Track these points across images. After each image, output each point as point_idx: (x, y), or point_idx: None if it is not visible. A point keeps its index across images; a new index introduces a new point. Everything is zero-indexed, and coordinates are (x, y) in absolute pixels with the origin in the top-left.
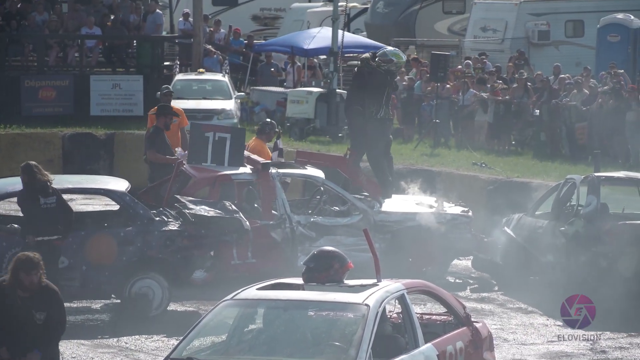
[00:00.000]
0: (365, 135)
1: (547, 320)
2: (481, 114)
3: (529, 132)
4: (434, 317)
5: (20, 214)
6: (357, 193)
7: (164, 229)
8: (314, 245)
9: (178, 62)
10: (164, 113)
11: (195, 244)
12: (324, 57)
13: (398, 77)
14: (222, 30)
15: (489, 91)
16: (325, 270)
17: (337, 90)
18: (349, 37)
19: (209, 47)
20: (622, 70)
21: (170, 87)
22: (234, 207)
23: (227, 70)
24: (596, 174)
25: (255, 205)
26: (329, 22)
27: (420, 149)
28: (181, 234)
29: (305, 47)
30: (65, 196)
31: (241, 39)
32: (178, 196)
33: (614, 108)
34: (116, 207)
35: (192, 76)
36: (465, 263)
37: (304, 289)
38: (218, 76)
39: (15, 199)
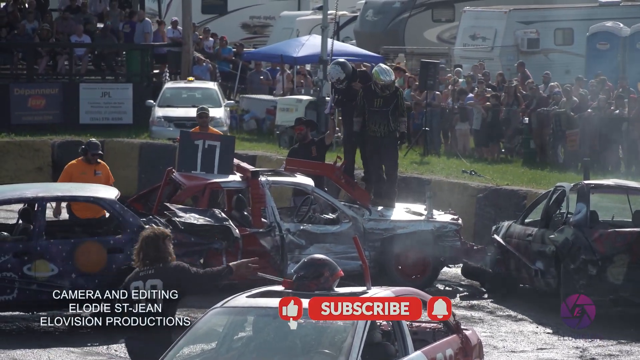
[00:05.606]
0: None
1: (537, 327)
2: (461, 123)
3: (518, 140)
4: (423, 324)
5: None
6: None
7: None
8: (304, 253)
9: (167, 70)
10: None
11: (185, 251)
12: (309, 68)
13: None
14: (210, 39)
15: (473, 99)
16: (315, 278)
17: (327, 98)
18: (339, 46)
19: (199, 55)
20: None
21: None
22: (223, 214)
23: (219, 79)
24: (586, 182)
25: (245, 213)
26: (318, 30)
27: (410, 157)
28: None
29: (295, 55)
30: (54, 204)
31: (229, 47)
32: (167, 204)
33: (609, 117)
34: (106, 215)
35: (182, 84)
36: (454, 271)
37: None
38: (208, 84)
39: (8, 207)
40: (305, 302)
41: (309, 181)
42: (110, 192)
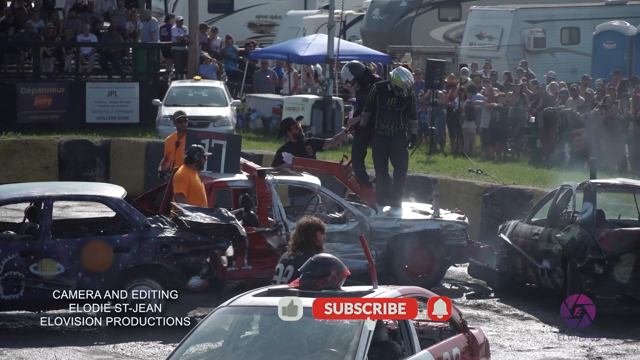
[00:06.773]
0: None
1: (544, 326)
2: (467, 122)
3: (524, 139)
4: (430, 323)
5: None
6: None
7: (160, 235)
8: None
9: (173, 69)
10: (288, 127)
11: (191, 250)
12: (314, 67)
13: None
14: (218, 38)
15: (483, 98)
16: (322, 277)
17: (333, 97)
18: (345, 45)
19: (205, 54)
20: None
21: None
22: (230, 213)
23: (225, 77)
24: (592, 181)
25: (252, 212)
26: (324, 30)
27: (416, 156)
28: (177, 240)
29: (301, 54)
30: (61, 203)
31: (234, 46)
32: (174, 203)
33: (612, 118)
34: (112, 214)
35: (188, 83)
36: (461, 270)
37: (300, 296)
38: (214, 83)
39: (13, 206)
40: (308, 302)
41: (315, 180)
42: (116, 191)
